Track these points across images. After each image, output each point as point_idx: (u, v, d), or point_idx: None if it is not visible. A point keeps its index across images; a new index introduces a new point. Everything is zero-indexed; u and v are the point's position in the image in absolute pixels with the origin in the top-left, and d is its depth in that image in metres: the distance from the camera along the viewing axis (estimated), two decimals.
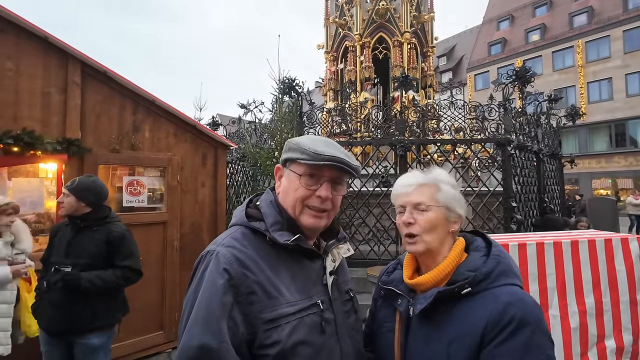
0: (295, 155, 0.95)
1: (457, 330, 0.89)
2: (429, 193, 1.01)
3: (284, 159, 1.00)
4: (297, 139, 1.00)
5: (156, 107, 3.77)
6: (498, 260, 0.94)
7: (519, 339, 0.83)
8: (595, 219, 8.00)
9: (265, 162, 5.19)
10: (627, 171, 21.13)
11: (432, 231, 0.98)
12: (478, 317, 0.87)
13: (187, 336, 0.82)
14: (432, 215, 0.99)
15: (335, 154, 0.92)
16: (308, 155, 0.92)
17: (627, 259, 2.35)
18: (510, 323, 0.84)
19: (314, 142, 0.96)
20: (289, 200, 0.97)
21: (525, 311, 0.85)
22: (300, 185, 0.95)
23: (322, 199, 0.95)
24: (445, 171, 1.08)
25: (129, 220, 3.52)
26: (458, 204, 1.02)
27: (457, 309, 0.91)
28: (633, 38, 21.36)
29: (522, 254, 2.21)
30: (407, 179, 1.06)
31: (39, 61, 3.09)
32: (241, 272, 0.86)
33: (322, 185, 0.95)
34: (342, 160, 0.93)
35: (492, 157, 5.34)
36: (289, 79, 5.72)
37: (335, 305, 0.98)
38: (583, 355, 2.22)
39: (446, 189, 1.01)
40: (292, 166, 0.97)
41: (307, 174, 0.95)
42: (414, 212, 1.00)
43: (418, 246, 1.00)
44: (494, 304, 0.87)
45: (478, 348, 0.85)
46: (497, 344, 0.84)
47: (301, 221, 0.96)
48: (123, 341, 3.40)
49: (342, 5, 8.42)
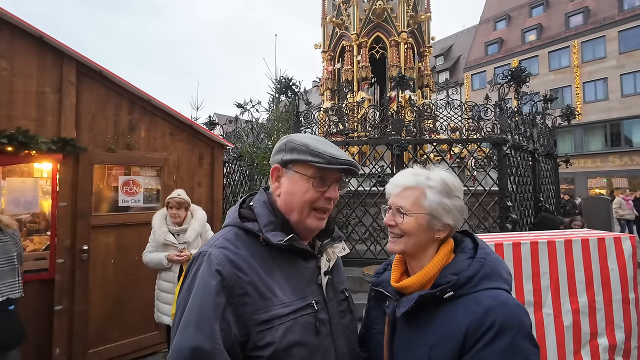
0: (305, 158, 0.92)
1: (439, 334, 0.88)
2: (414, 198, 0.97)
3: (286, 159, 0.96)
4: (299, 139, 0.96)
5: (152, 107, 3.75)
6: (482, 264, 0.92)
7: (500, 344, 0.81)
8: (589, 218, 8.07)
9: (262, 161, 5.18)
10: (622, 170, 21.29)
11: (410, 236, 0.97)
12: (460, 322, 0.86)
13: (179, 338, 0.81)
14: (412, 220, 0.96)
15: (348, 158, 0.94)
16: (323, 159, 0.91)
17: (620, 258, 2.38)
18: (491, 328, 0.82)
19: (323, 144, 0.95)
20: (295, 203, 0.95)
21: (507, 315, 0.84)
22: (310, 188, 0.93)
23: (331, 200, 0.96)
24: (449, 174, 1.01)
25: (125, 219, 3.52)
26: (447, 213, 0.97)
27: (440, 312, 0.90)
28: (628, 38, 21.50)
29: (517, 253, 2.23)
30: (398, 178, 1.04)
31: (33, 60, 3.07)
32: (234, 273, 0.85)
33: (331, 187, 0.95)
34: (355, 164, 0.95)
35: (488, 156, 5.37)
36: (285, 78, 5.72)
37: (330, 305, 0.97)
38: (576, 353, 2.25)
39: (433, 195, 0.96)
40: (298, 168, 0.94)
41: (318, 176, 0.93)
42: (396, 215, 0.99)
43: (395, 246, 1.00)
44: (476, 309, 0.85)
45: (460, 353, 0.85)
46: (479, 349, 0.82)
47: (307, 224, 0.95)
48: (119, 341, 3.39)
49: (339, 5, 8.42)
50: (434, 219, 0.96)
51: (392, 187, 1.04)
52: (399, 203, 0.99)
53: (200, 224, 3.11)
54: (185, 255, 2.92)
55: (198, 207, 3.24)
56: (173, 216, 3.02)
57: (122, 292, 3.44)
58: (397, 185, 1.02)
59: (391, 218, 1.00)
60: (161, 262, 2.92)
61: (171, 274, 2.96)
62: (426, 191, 0.97)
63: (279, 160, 0.98)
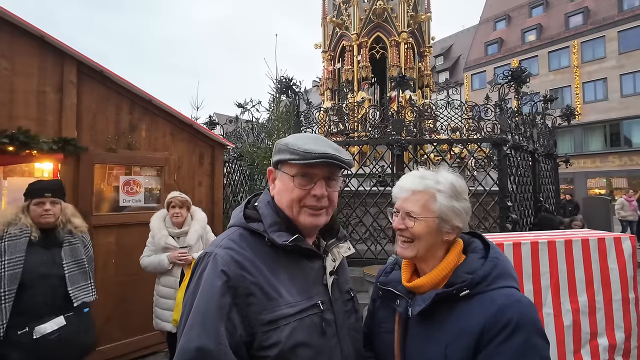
0: (286, 157, 0.93)
1: (455, 332, 0.89)
2: (423, 202, 0.98)
3: (275, 161, 0.98)
4: (285, 139, 0.97)
5: (153, 107, 3.76)
6: (495, 263, 0.94)
7: (515, 341, 0.84)
8: (589, 218, 8.08)
9: (263, 161, 5.19)
10: (621, 170, 21.32)
11: (421, 240, 0.98)
12: (475, 320, 0.88)
13: (185, 339, 0.81)
14: (422, 224, 0.97)
15: (326, 151, 0.90)
16: (298, 155, 0.90)
17: (620, 258, 2.39)
18: (507, 326, 0.84)
19: (303, 141, 0.93)
20: (284, 202, 0.96)
21: (521, 313, 0.86)
22: (294, 187, 0.93)
23: (317, 198, 0.94)
24: (456, 176, 1.02)
25: (126, 219, 3.53)
26: (456, 215, 0.98)
27: (455, 310, 0.92)
28: (628, 38, 21.52)
29: (517, 253, 2.24)
30: (405, 182, 1.03)
31: (34, 60, 3.07)
32: (239, 274, 0.85)
33: (316, 184, 0.94)
34: (333, 156, 0.90)
35: (488, 156, 5.38)
36: (286, 78, 5.73)
37: (335, 305, 0.97)
38: (576, 353, 2.25)
39: (443, 199, 0.97)
40: (284, 167, 0.96)
41: (299, 174, 0.93)
42: (406, 219, 0.99)
43: (407, 252, 1.00)
44: (491, 307, 0.87)
45: (475, 350, 0.86)
46: (495, 346, 0.84)
47: (300, 221, 0.95)
48: (120, 341, 3.40)
49: (340, 5, 8.42)
50: (444, 222, 0.97)
51: (400, 190, 1.03)
52: (408, 208, 0.99)
53: (201, 225, 3.02)
54: (187, 258, 2.83)
55: (198, 208, 3.16)
56: (175, 215, 2.91)
57: (123, 292, 3.45)
58: (405, 189, 1.01)
59: (401, 222, 1.00)
60: (162, 263, 2.81)
61: (172, 278, 2.86)
62: (436, 195, 0.98)
63: (273, 162, 1.00)
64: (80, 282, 2.20)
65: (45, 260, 2.11)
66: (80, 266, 2.23)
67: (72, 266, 2.19)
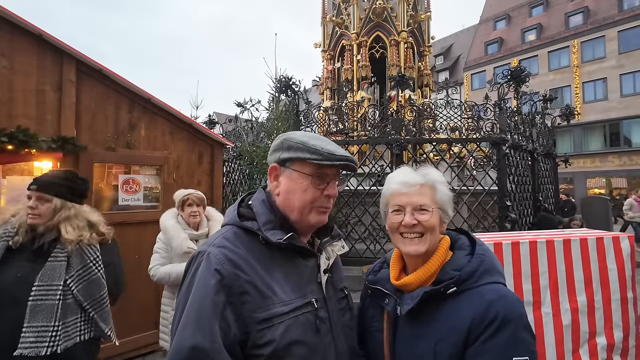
0: (304, 155, 0.92)
1: (443, 329, 0.90)
2: (430, 194, 1.00)
3: (284, 158, 0.95)
4: (296, 137, 0.96)
5: (152, 106, 3.75)
6: (482, 259, 0.95)
7: (503, 336, 0.85)
8: (588, 217, 8.08)
9: (262, 160, 5.18)
10: (621, 170, 21.33)
11: (432, 232, 0.98)
12: (463, 316, 0.89)
13: (178, 337, 0.81)
14: (436, 216, 0.98)
15: (345, 153, 0.95)
16: (322, 156, 0.91)
17: (618, 258, 2.39)
18: (494, 321, 0.85)
19: (320, 141, 0.94)
20: (296, 202, 0.94)
21: (507, 308, 0.87)
22: (310, 186, 0.93)
23: (330, 197, 0.97)
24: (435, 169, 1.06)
25: (125, 218, 3.52)
26: (450, 204, 1.02)
27: (443, 307, 0.92)
28: (628, 38, 21.52)
29: (516, 253, 2.24)
30: (406, 178, 1.02)
31: (33, 59, 3.07)
32: (233, 272, 0.85)
33: (330, 184, 0.96)
34: (352, 159, 0.97)
35: (487, 156, 5.38)
36: (285, 77, 5.73)
37: (330, 303, 0.97)
38: (575, 352, 2.26)
39: (442, 189, 1.01)
40: (297, 166, 0.94)
41: (316, 174, 0.93)
42: (416, 214, 0.98)
43: (420, 247, 0.97)
44: (479, 302, 0.88)
45: (464, 346, 0.87)
46: (483, 341, 0.85)
47: (309, 220, 0.96)
48: (118, 339, 3.39)
49: (339, 4, 8.41)
50: (443, 212, 1.01)
51: (402, 186, 1.01)
52: (420, 201, 0.99)
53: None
54: None
55: (213, 208, 2.91)
56: (192, 215, 2.61)
57: None
58: (410, 184, 1.00)
59: (412, 218, 0.98)
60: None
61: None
62: (436, 186, 1.01)
63: (276, 159, 0.98)
64: (45, 320, 1.50)
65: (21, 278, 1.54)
66: (51, 294, 1.54)
67: (41, 292, 1.53)
